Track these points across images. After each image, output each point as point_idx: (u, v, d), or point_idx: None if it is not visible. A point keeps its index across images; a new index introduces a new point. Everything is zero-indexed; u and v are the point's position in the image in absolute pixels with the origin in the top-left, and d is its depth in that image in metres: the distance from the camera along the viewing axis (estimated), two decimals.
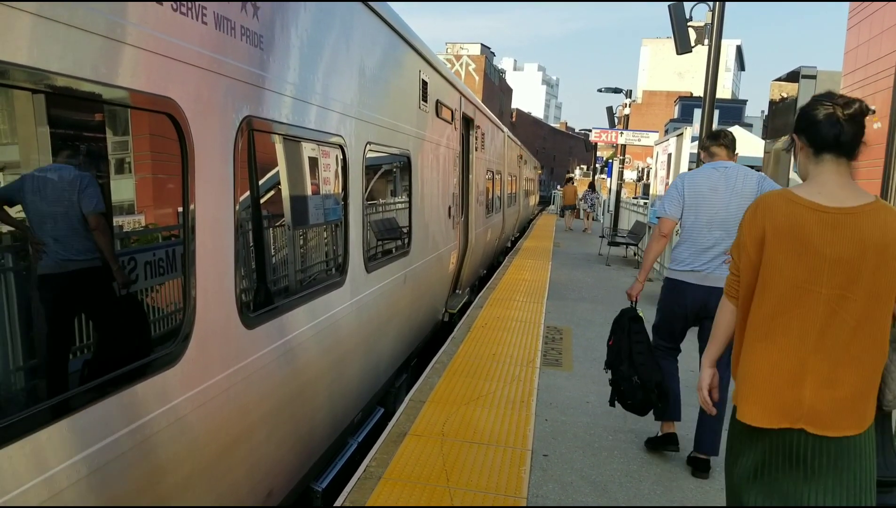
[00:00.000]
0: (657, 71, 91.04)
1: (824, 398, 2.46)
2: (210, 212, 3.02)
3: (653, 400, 4.48)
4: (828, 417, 2.46)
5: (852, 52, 40.84)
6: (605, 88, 31.16)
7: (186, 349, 2.86)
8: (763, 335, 2.56)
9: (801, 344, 2.49)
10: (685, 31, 10.86)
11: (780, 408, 2.50)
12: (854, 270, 2.43)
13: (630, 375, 4.51)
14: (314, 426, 4.43)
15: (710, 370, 2.92)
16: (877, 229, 2.43)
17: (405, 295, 6.62)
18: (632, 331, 4.62)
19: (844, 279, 2.45)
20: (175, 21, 2.69)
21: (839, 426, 2.46)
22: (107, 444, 2.37)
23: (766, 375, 2.53)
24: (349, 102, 4.78)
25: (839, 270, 2.45)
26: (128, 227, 2.64)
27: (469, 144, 10.95)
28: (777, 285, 2.53)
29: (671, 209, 4.66)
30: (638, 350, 4.53)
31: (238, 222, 3.26)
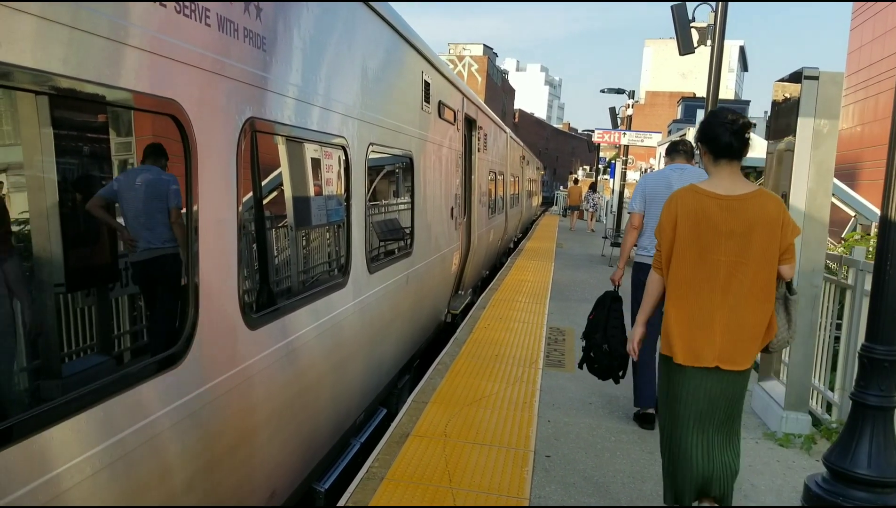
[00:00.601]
0: (660, 71, 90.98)
1: (730, 342, 3.32)
2: (213, 213, 3.02)
3: (614, 367, 4.99)
4: (734, 356, 3.34)
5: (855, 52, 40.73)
6: (608, 89, 31.10)
7: (189, 349, 2.86)
8: (681, 295, 3.42)
9: (710, 301, 3.34)
10: (688, 33, 10.85)
11: (698, 351, 3.34)
12: (744, 241, 3.30)
13: (601, 343, 5.02)
14: (317, 426, 4.43)
15: (641, 328, 3.79)
16: (759, 209, 3.32)
17: (408, 296, 6.62)
18: (611, 309, 5.12)
19: (738, 249, 3.31)
20: (178, 23, 2.69)
21: (740, 362, 3.35)
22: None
23: (686, 326, 3.38)
24: (351, 103, 4.79)
25: (733, 242, 3.30)
26: None
27: (471, 145, 10.96)
28: (688, 256, 3.39)
29: (636, 205, 5.43)
30: (613, 324, 5.04)
31: (241, 223, 3.26)
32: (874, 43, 36.97)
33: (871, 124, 36.14)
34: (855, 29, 40.75)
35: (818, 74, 5.21)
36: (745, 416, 5.31)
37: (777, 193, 5.73)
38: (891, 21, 33.86)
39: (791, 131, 5.35)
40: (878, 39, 36.22)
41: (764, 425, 5.57)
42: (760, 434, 5.39)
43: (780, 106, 5.84)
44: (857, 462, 3.81)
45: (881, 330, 3.87)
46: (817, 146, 5.21)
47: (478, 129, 11.37)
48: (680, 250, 3.41)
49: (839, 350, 5.53)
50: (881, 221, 3.95)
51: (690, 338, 3.37)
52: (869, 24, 37.99)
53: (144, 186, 2.67)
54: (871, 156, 34.11)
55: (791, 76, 5.57)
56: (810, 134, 5.21)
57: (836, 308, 5.69)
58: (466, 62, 69.30)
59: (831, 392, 5.54)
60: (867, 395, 3.88)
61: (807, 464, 4.88)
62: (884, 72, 34.08)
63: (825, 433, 5.28)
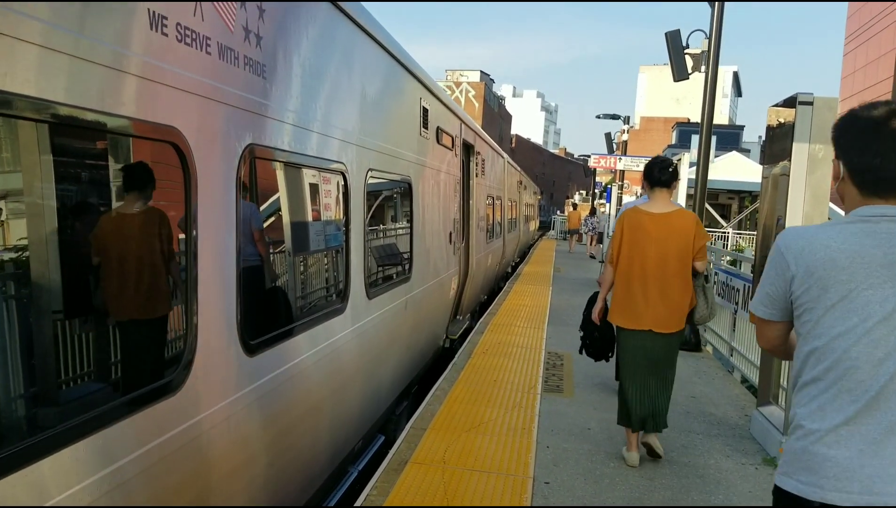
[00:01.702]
0: (655, 97, 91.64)
1: (659, 312, 4.85)
2: (213, 240, 3.03)
3: (605, 349, 5.98)
4: (665, 322, 4.87)
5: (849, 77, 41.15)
6: (604, 115, 31.38)
7: (188, 376, 2.85)
8: (624, 281, 4.97)
9: (643, 284, 4.88)
10: (682, 59, 10.97)
11: (636, 318, 4.91)
12: (666, 243, 4.84)
13: (593, 331, 5.98)
14: (315, 453, 4.40)
15: (600, 303, 5.44)
16: (678, 221, 4.89)
17: (406, 322, 6.61)
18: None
19: (663, 249, 4.83)
20: (179, 51, 2.72)
21: (669, 327, 4.88)
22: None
23: (629, 303, 4.94)
24: (350, 129, 4.81)
25: (659, 244, 4.82)
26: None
27: (469, 170, 11.00)
28: (629, 254, 4.93)
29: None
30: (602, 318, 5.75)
31: (240, 250, 3.27)
32: (867, 68, 37.36)
33: None
34: (848, 54, 41.20)
35: (813, 99, 5.26)
36: (745, 442, 5.73)
37: (773, 217, 5.76)
38: (884, 46, 34.23)
39: (786, 156, 5.38)
40: (872, 64, 36.60)
41: (763, 450, 5.54)
42: (760, 460, 5.36)
43: (775, 131, 5.88)
44: None
45: None
46: (812, 171, 5.24)
47: (475, 154, 11.42)
48: (624, 250, 4.96)
49: None
50: None
51: (630, 309, 4.94)
52: (862, 49, 38.41)
53: None
54: None
55: (785, 101, 5.61)
56: (805, 159, 5.24)
57: None
58: (464, 88, 69.83)
59: None
60: None
61: None
62: (878, 96, 34.40)
63: None
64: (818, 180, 5.24)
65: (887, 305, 1.99)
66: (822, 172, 5.24)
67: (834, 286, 2.05)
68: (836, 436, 2.02)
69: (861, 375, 2.00)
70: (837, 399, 2.04)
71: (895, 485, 1.94)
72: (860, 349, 2.01)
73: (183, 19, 2.73)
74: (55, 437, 2.15)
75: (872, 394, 1.98)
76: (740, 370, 8.12)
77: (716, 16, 9.76)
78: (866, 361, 2.01)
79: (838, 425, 2.02)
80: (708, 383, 7.63)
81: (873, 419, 1.98)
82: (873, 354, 2.00)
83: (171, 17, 2.65)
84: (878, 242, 2.02)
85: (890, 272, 1.99)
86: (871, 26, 37.12)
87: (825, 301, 2.07)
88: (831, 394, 2.05)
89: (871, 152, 2.06)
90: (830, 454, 2.01)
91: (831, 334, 2.05)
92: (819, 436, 2.05)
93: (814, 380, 2.09)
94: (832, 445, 2.02)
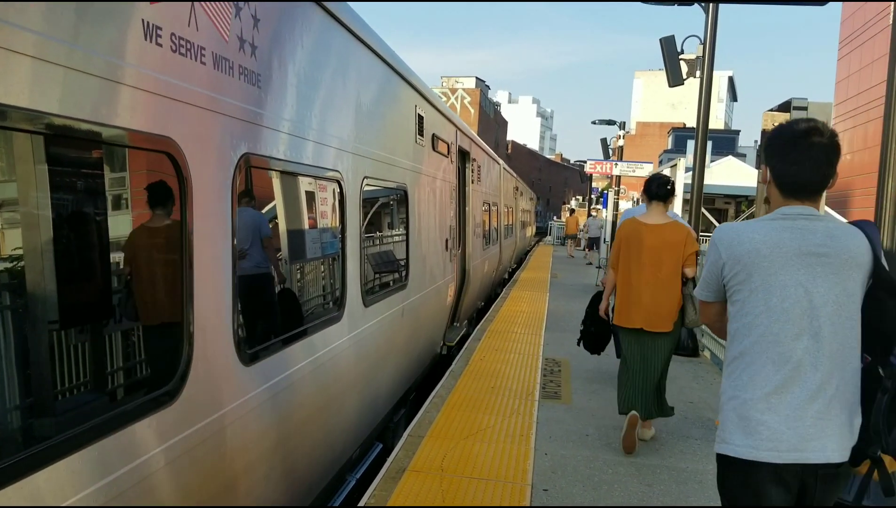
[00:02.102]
0: (650, 102, 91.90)
1: (652, 314, 5.34)
2: (208, 249, 3.02)
3: (601, 343, 6.73)
4: (654, 323, 5.36)
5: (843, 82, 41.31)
6: (599, 120, 31.40)
7: (184, 386, 2.84)
8: (623, 285, 5.52)
9: (640, 290, 5.38)
10: (677, 65, 10.99)
11: (631, 318, 5.45)
12: (660, 252, 5.34)
13: (590, 327, 6.67)
14: (312, 462, 4.39)
15: (605, 301, 6.07)
16: (670, 232, 5.38)
17: (403, 329, 6.60)
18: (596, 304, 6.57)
19: (656, 257, 5.33)
20: (173, 62, 2.72)
21: (659, 327, 5.37)
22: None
23: (626, 304, 5.48)
24: (346, 137, 4.82)
25: (653, 252, 5.29)
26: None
27: (465, 177, 11.00)
28: (627, 260, 5.46)
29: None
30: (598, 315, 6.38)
31: (236, 259, 3.26)
32: (861, 72, 37.49)
33: (860, 152, 36.46)
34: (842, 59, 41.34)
35: (807, 104, 5.32)
36: None
37: None
38: (878, 51, 34.34)
39: None
40: (866, 69, 36.73)
41: None
42: None
43: None
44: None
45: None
46: None
47: (471, 161, 11.43)
48: (623, 257, 5.51)
49: None
50: None
51: (626, 310, 5.48)
52: (856, 53, 38.56)
53: (245, 221, 3.46)
54: (862, 184, 34.36)
55: (780, 106, 5.67)
56: None
57: None
58: (459, 95, 69.92)
59: None
60: None
61: None
62: (872, 101, 34.50)
63: None
64: None
65: (800, 287, 2.38)
66: None
67: (757, 272, 2.44)
68: (766, 403, 2.37)
69: (782, 348, 2.38)
70: (764, 370, 2.40)
71: (815, 444, 2.32)
72: (780, 326, 2.39)
73: (177, 29, 2.73)
74: (52, 448, 2.14)
75: (793, 365, 2.37)
76: None
77: (710, 21, 9.79)
78: (785, 336, 2.38)
79: (768, 393, 2.38)
80: (705, 388, 7.63)
81: (796, 387, 2.36)
82: (791, 330, 2.38)
83: (165, 28, 2.65)
84: (794, 235, 2.43)
85: (804, 261, 2.40)
86: (864, 31, 37.29)
87: (750, 285, 2.46)
88: (758, 366, 2.41)
89: (790, 161, 2.48)
90: (763, 419, 2.36)
91: (755, 312, 2.44)
92: (752, 404, 2.39)
93: (742, 353, 2.46)
94: (764, 411, 2.37)
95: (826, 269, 2.39)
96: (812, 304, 2.38)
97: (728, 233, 2.55)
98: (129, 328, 2.66)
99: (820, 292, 2.38)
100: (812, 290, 2.39)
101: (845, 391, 2.38)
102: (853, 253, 2.41)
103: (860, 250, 2.43)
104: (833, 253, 2.40)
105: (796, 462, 2.33)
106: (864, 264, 2.43)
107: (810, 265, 2.40)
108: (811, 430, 2.32)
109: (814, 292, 2.39)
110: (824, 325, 2.37)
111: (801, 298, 2.38)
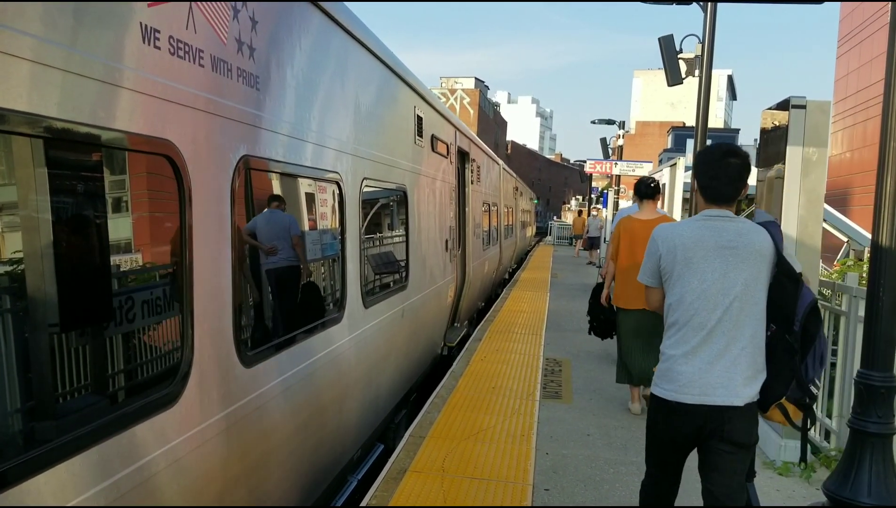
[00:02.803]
0: (650, 101, 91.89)
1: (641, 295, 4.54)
2: (208, 251, 3.03)
3: (609, 329, 7.05)
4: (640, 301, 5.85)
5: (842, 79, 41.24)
6: (599, 120, 31.33)
7: (185, 388, 2.85)
8: (621, 273, 6.39)
9: (634, 275, 4.61)
10: (676, 64, 10.98)
11: (629, 300, 6.28)
12: None
13: (598, 314, 7.14)
14: (313, 464, 4.39)
15: (606, 290, 6.86)
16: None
17: (403, 330, 6.61)
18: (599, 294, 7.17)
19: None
20: (172, 64, 2.72)
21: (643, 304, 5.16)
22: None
23: (625, 289, 6.36)
24: (345, 139, 4.82)
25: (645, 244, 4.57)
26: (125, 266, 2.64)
27: (465, 178, 11.01)
28: (625, 251, 6.35)
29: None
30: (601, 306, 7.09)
31: (236, 261, 3.27)
32: (860, 70, 37.49)
33: (860, 150, 36.45)
34: (841, 57, 41.35)
35: (805, 102, 5.26)
36: None
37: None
38: (876, 49, 34.34)
39: (780, 159, 5.39)
40: (865, 67, 36.73)
41: (763, 453, 5.54)
42: (759, 463, 5.36)
43: (769, 134, 5.90)
44: (858, 490, 3.79)
45: (876, 356, 3.87)
46: (807, 174, 5.24)
47: (471, 161, 11.43)
48: (621, 250, 6.47)
49: (835, 377, 5.51)
50: (873, 246, 3.98)
51: (626, 295, 6.41)
52: (855, 51, 38.55)
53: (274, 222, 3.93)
54: (862, 182, 34.36)
55: (779, 105, 5.63)
56: (799, 162, 5.24)
57: (831, 335, 5.69)
58: (458, 95, 69.91)
59: (829, 420, 5.52)
60: (865, 422, 3.87)
61: (806, 493, 4.85)
62: (871, 98, 34.51)
63: (824, 462, 5.25)
64: (812, 183, 5.25)
65: (716, 273, 3.08)
66: (816, 175, 5.25)
67: (683, 260, 3.15)
68: (685, 359, 3.11)
69: (700, 319, 3.10)
70: (687, 335, 3.13)
71: (720, 391, 3.04)
72: (700, 302, 3.10)
73: (176, 32, 2.74)
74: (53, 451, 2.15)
75: (707, 331, 3.08)
76: None
77: (709, 20, 9.79)
78: (703, 309, 3.09)
79: (687, 352, 3.11)
80: None
81: (708, 347, 3.08)
82: (708, 305, 3.09)
83: (163, 31, 2.65)
84: (712, 233, 3.14)
85: (720, 253, 3.10)
86: (863, 28, 37.28)
87: (678, 270, 3.17)
88: (683, 332, 3.14)
89: (710, 176, 3.22)
90: (682, 370, 3.11)
91: (682, 292, 3.15)
92: (676, 359, 3.14)
93: (673, 323, 3.20)
94: (683, 364, 3.11)
95: (736, 259, 3.08)
96: (725, 286, 3.07)
97: (665, 231, 3.29)
98: (129, 330, 2.66)
99: (731, 277, 3.07)
100: (725, 275, 3.08)
101: (750, 353, 3.07)
102: (757, 247, 3.09)
103: (763, 245, 3.10)
104: (741, 247, 3.09)
105: (702, 404, 3.06)
106: (767, 255, 3.10)
107: (724, 256, 3.08)
108: (717, 380, 3.05)
109: (726, 276, 3.07)
110: (734, 302, 3.06)
111: (717, 281, 3.08)
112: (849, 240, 16.99)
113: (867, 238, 15.11)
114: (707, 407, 3.05)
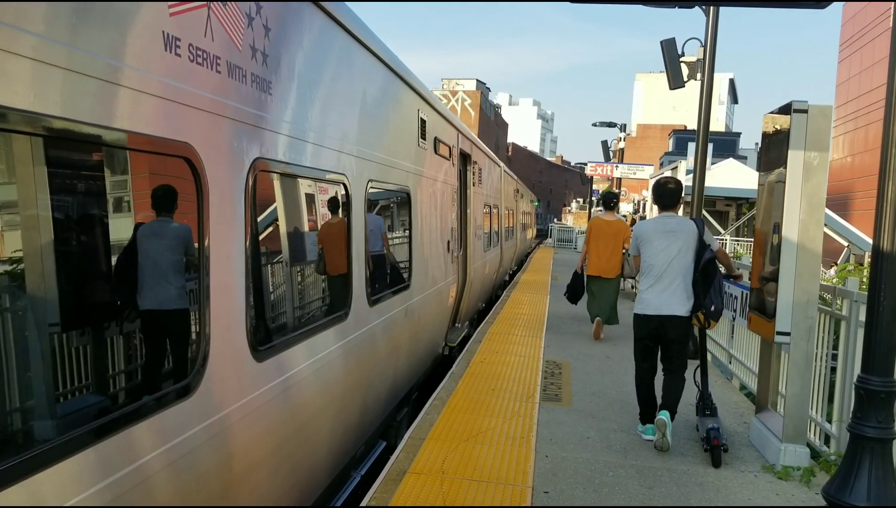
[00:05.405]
0: (651, 104, 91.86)
1: (605, 269, 10.46)
2: (223, 249, 3.13)
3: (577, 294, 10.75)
4: (607, 272, 10.49)
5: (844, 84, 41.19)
6: (600, 123, 31.37)
7: (201, 380, 2.93)
8: (591, 254, 10.65)
9: (599, 256, 10.48)
10: (678, 67, 10.99)
11: (594, 270, 10.57)
12: (610, 236, 10.47)
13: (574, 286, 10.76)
14: (318, 459, 4.44)
15: (581, 264, 10.83)
16: (616, 226, 10.63)
17: (406, 329, 6.64)
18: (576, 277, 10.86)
19: (609, 239, 10.47)
20: (192, 71, 2.83)
21: (610, 275, 10.51)
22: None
23: (593, 264, 10.60)
24: (352, 141, 4.89)
25: (607, 237, 10.46)
26: None
27: (466, 180, 11.04)
28: (592, 240, 10.62)
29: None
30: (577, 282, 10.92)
31: (249, 259, 3.37)
32: (862, 75, 37.45)
33: (861, 155, 36.44)
34: (843, 61, 41.32)
35: (807, 107, 5.26)
36: (744, 449, 5.92)
37: (769, 223, 5.78)
38: (878, 53, 34.33)
39: (782, 163, 5.39)
40: (867, 71, 36.70)
41: (762, 458, 5.56)
42: (759, 467, 5.37)
43: (771, 138, 5.91)
44: (857, 494, 3.80)
45: (876, 361, 3.89)
46: (808, 178, 5.24)
47: (472, 163, 11.46)
48: (591, 238, 10.52)
49: (836, 382, 5.52)
50: (873, 251, 3.99)
51: (594, 267, 10.43)
52: (857, 56, 38.52)
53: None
54: (863, 186, 34.34)
55: (780, 109, 5.64)
56: (801, 166, 5.24)
57: (831, 339, 5.70)
58: (460, 97, 69.96)
59: (829, 424, 5.53)
60: (865, 427, 3.88)
61: (806, 497, 4.87)
62: (873, 103, 34.48)
63: (824, 466, 5.26)
64: (814, 187, 5.25)
65: (664, 244, 5.69)
66: (817, 180, 5.25)
67: (647, 239, 5.80)
68: (648, 291, 5.75)
69: (655, 271, 5.71)
70: (649, 280, 5.75)
71: (667, 307, 5.66)
72: (655, 260, 5.72)
73: (195, 40, 2.84)
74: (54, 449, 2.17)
75: (659, 276, 5.69)
76: (739, 377, 8.12)
77: (710, 23, 9.81)
78: (657, 265, 5.70)
79: (649, 287, 5.75)
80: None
81: (660, 285, 5.69)
82: (660, 263, 5.69)
83: (183, 39, 2.76)
84: (662, 224, 5.82)
85: (666, 235, 5.71)
86: (864, 33, 37.28)
87: (645, 245, 5.81)
88: (648, 278, 5.77)
89: (658, 195, 6.07)
90: (646, 297, 5.76)
91: (647, 255, 5.79)
92: (643, 292, 5.80)
93: (643, 272, 5.83)
94: (647, 294, 5.76)
95: (676, 237, 5.68)
96: (668, 252, 5.66)
97: (639, 226, 6.06)
98: (131, 329, 2.69)
99: (673, 248, 5.67)
100: (669, 246, 5.67)
101: (682, 287, 5.66)
102: (687, 231, 5.71)
103: (691, 229, 5.74)
104: (678, 231, 5.71)
105: (658, 314, 5.68)
106: (693, 235, 5.72)
107: (668, 236, 5.70)
108: (665, 302, 5.66)
109: (669, 247, 5.67)
110: (673, 260, 5.65)
111: (664, 250, 5.69)
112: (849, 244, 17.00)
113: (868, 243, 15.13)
114: (659, 316, 5.68)
